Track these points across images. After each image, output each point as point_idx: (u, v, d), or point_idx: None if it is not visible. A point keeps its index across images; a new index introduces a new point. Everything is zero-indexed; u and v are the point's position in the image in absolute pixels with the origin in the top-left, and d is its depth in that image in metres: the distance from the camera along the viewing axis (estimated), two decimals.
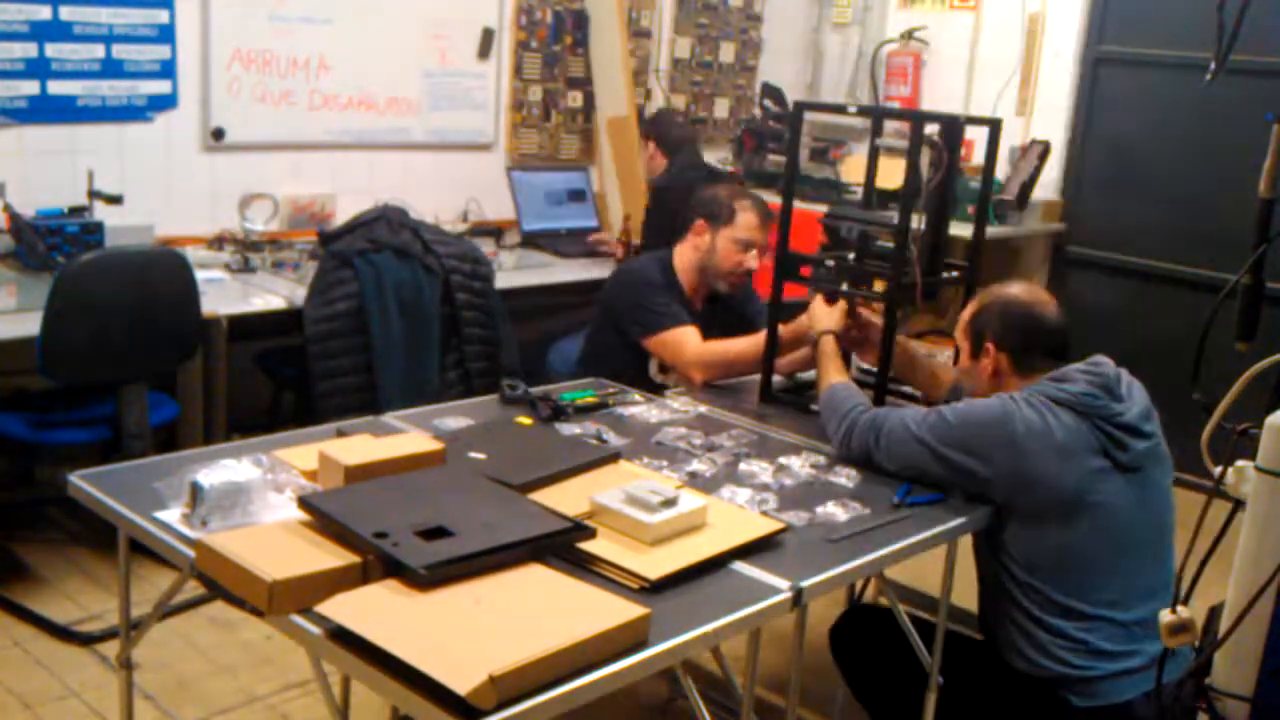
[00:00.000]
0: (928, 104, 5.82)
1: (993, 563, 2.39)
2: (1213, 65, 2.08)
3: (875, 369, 2.82)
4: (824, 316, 2.81)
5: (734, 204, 3.22)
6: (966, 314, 2.52)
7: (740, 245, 3.20)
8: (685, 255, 3.28)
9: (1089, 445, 2.27)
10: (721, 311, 3.34)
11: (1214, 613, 1.72)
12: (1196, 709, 1.64)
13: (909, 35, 5.84)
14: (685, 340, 3.13)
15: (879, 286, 2.82)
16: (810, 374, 3.21)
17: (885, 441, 2.41)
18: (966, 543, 2.41)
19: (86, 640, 3.17)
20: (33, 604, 3.33)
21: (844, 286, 2.79)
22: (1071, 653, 2.28)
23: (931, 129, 2.68)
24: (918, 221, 2.67)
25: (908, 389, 3.04)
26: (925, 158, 2.62)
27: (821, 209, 5.01)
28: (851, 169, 5.49)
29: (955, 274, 2.90)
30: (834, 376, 2.67)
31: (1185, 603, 1.58)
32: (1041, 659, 2.30)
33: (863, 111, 3.10)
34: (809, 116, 2.97)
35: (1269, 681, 1.45)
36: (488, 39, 5.04)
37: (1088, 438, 2.27)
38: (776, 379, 3.02)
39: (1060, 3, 5.42)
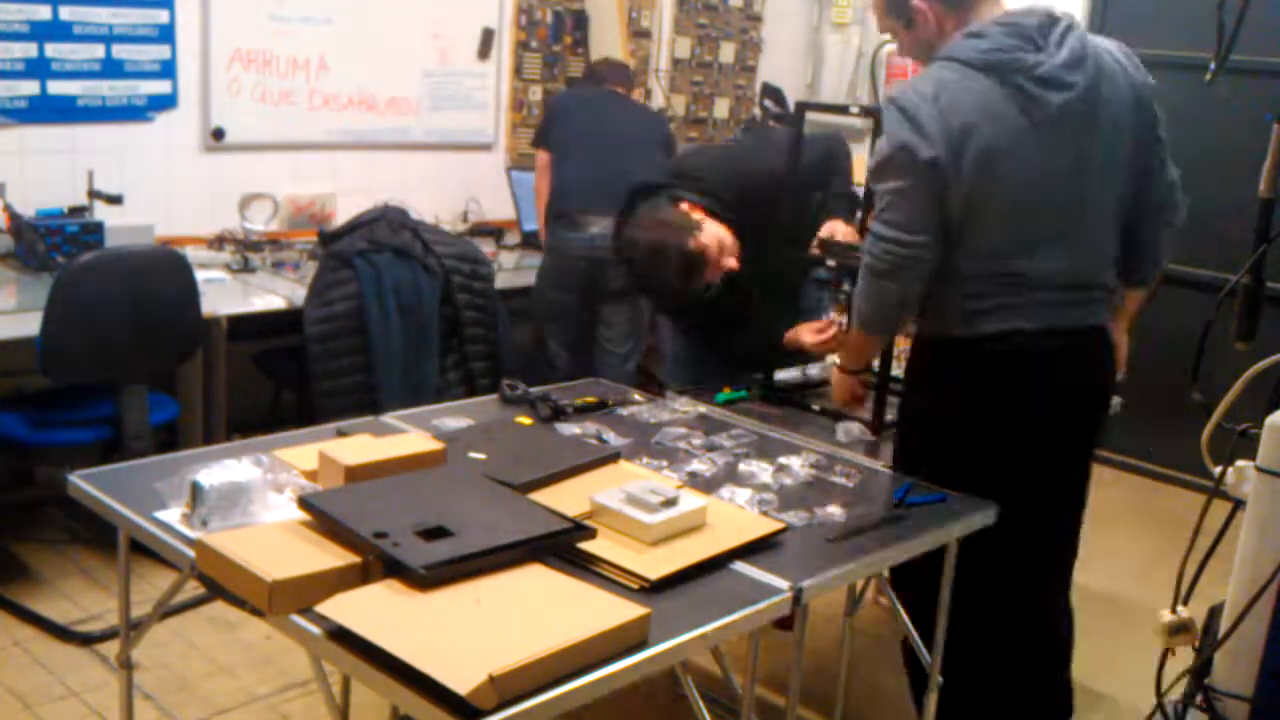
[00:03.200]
0: None
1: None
2: (1213, 65, 2.08)
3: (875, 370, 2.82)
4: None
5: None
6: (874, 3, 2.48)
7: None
8: None
9: (1000, 108, 2.24)
10: None
11: (1214, 613, 1.72)
12: None
13: None
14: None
15: None
16: (814, 371, 3.22)
17: (874, 278, 2.32)
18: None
19: (86, 640, 3.17)
20: (33, 604, 3.33)
21: (844, 287, 2.79)
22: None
23: None
24: None
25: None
26: None
27: None
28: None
29: None
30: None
31: (1185, 603, 1.58)
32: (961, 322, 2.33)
33: (865, 112, 3.10)
34: (808, 116, 2.96)
35: (1269, 681, 1.45)
36: (488, 39, 5.04)
37: (998, 99, 2.24)
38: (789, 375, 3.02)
39: (1060, 3, 5.41)
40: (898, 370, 3.07)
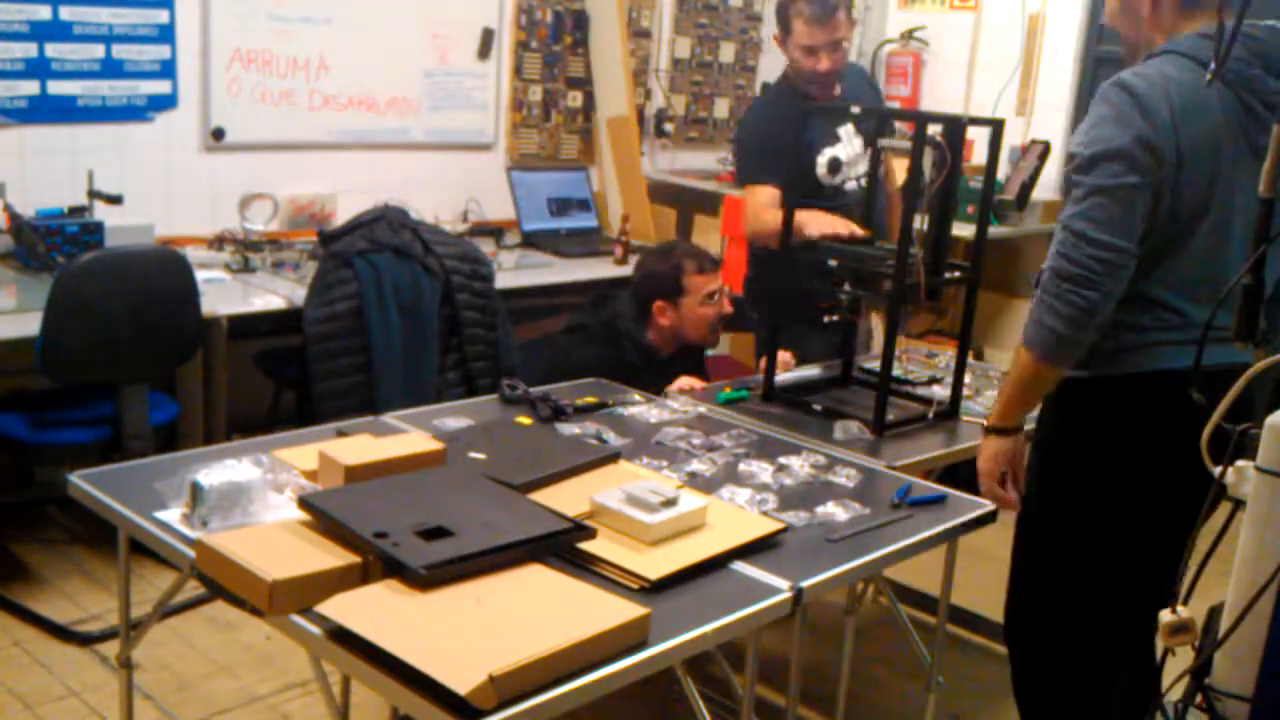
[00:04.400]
0: (928, 104, 5.82)
1: None
2: (1213, 65, 2.08)
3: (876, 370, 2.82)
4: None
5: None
6: None
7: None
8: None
9: (1228, 118, 2.07)
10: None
11: (1214, 613, 1.72)
12: None
13: (909, 35, 5.84)
14: None
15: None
16: (815, 371, 3.21)
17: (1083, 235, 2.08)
18: (967, 542, 2.41)
19: (86, 640, 3.17)
20: (33, 604, 3.33)
21: (846, 286, 2.79)
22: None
23: (934, 129, 2.68)
24: (921, 222, 2.67)
25: (907, 388, 3.04)
26: (928, 158, 2.62)
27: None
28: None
29: (957, 274, 2.90)
30: None
31: (1185, 603, 1.58)
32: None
33: (866, 113, 3.10)
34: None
35: (1269, 681, 1.45)
36: (488, 39, 5.04)
37: (1228, 108, 2.07)
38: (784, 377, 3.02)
39: (1060, 3, 5.42)
40: (899, 371, 3.07)
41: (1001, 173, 5.11)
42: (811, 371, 3.23)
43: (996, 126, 2.79)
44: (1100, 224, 2.06)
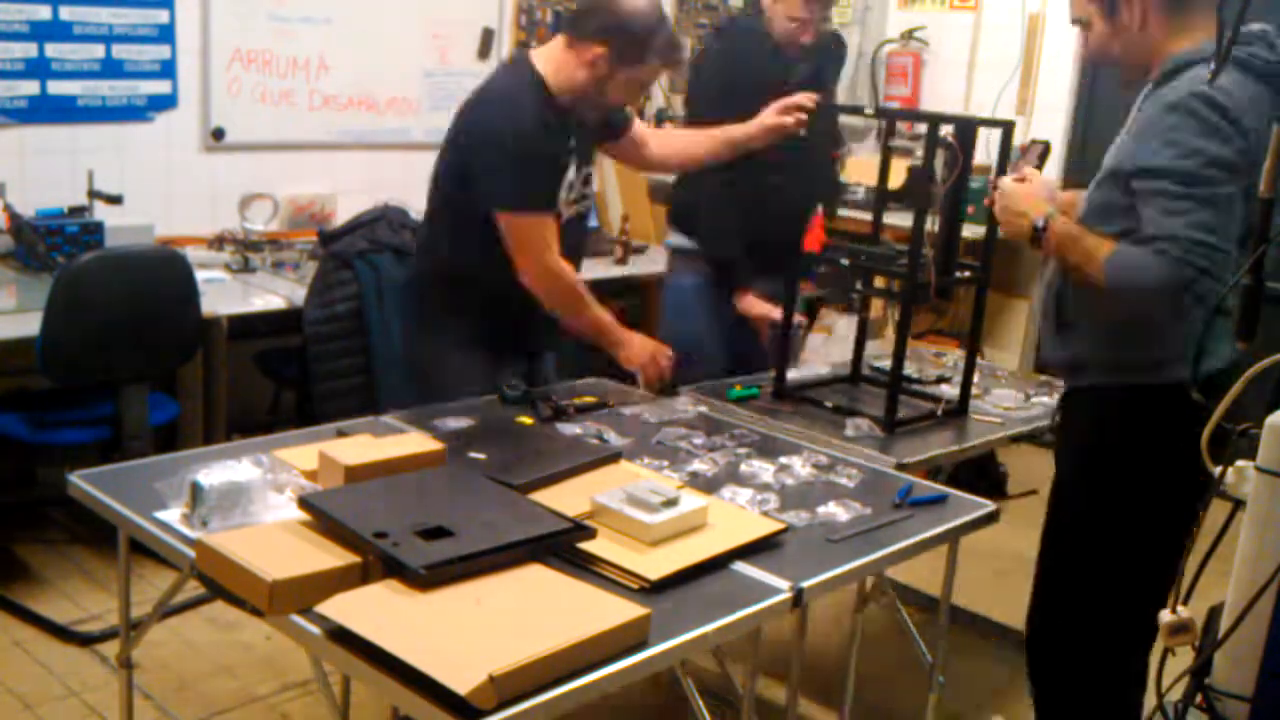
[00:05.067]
0: (928, 104, 5.82)
1: None
2: (1213, 65, 2.08)
3: (888, 368, 2.82)
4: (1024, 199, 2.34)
5: (646, 44, 2.66)
6: None
7: (639, 87, 2.80)
8: (571, 75, 2.67)
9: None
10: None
11: (1214, 613, 1.72)
12: None
13: (909, 35, 5.84)
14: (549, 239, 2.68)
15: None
16: (824, 370, 3.21)
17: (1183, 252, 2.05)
18: (967, 542, 2.41)
19: (86, 640, 3.17)
20: (33, 604, 3.33)
21: (857, 286, 2.79)
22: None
23: (944, 129, 2.68)
24: (932, 222, 2.67)
25: (917, 386, 3.03)
26: (939, 159, 2.62)
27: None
28: (852, 169, 5.49)
29: (967, 274, 2.90)
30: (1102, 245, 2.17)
31: (1185, 603, 1.58)
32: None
33: (877, 113, 3.09)
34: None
35: (1269, 681, 1.45)
36: (488, 39, 5.04)
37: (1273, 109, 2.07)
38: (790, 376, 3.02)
39: (1060, 3, 5.42)
40: (909, 369, 3.07)
41: None
42: (821, 370, 3.23)
43: (1007, 128, 2.81)
44: (1216, 231, 2.06)
